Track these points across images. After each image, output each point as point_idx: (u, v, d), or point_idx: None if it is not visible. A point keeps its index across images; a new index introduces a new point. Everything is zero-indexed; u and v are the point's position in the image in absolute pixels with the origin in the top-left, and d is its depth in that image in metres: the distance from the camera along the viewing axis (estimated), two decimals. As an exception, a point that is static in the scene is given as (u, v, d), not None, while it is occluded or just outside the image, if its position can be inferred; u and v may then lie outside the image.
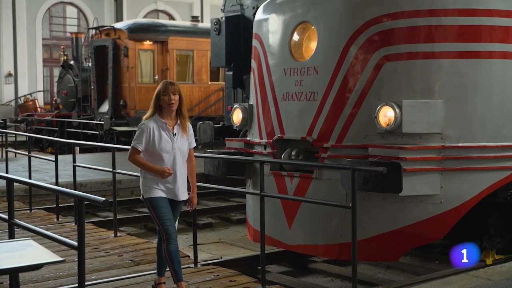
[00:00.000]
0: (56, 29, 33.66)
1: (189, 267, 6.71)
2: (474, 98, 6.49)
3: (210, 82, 21.72)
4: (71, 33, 26.24)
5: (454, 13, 6.48)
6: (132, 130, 19.71)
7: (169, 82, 5.55)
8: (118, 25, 21.89)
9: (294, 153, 7.08)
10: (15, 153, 14.73)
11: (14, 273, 4.06)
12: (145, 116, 5.54)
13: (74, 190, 8.23)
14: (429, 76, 6.44)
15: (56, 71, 29.73)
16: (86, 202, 4.49)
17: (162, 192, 5.42)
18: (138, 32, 20.72)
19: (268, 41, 7.53)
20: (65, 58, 23.91)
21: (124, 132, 19.88)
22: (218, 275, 6.48)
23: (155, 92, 5.52)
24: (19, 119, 24.81)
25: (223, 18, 14.18)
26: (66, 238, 4.78)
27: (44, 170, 14.75)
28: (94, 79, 21.22)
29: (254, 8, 13.18)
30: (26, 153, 11.41)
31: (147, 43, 20.75)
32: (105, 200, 4.38)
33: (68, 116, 22.40)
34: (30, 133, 19.70)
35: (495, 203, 6.94)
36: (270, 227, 6.95)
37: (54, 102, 25.23)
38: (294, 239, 7.06)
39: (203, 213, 11.79)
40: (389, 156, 6.16)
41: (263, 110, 7.51)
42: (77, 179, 9.72)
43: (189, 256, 7.15)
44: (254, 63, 7.84)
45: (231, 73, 13.93)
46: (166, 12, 35.95)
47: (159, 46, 20.81)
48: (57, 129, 21.61)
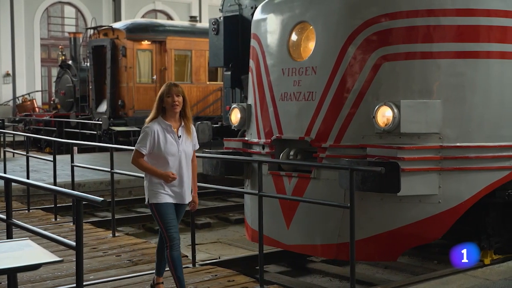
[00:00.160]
0: (54, 29, 33.64)
1: (187, 267, 6.71)
2: (472, 98, 6.49)
3: (208, 82, 21.72)
4: (69, 33, 26.21)
5: (452, 13, 6.48)
6: (130, 130, 19.73)
7: (172, 83, 5.40)
8: (116, 25, 21.87)
9: (292, 153, 7.08)
10: (13, 153, 14.70)
11: (12, 273, 4.05)
12: (148, 118, 5.40)
13: (72, 190, 8.23)
14: (427, 76, 6.44)
15: (54, 71, 29.72)
16: (84, 202, 4.49)
17: (168, 197, 5.30)
18: (136, 32, 20.71)
19: (266, 41, 7.52)
20: (63, 58, 23.90)
21: (122, 132, 19.86)
22: (216, 275, 6.48)
23: (158, 94, 5.39)
24: (17, 119, 24.80)
25: (222, 18, 14.18)
26: (64, 238, 4.78)
27: (42, 170, 14.74)
28: (92, 79, 21.19)
29: (252, 8, 13.19)
30: (24, 153, 11.40)
31: (145, 43, 20.74)
32: (103, 200, 4.38)
33: (66, 116, 22.38)
34: (28, 133, 19.70)
35: (493, 203, 6.94)
36: (268, 227, 6.95)
37: (52, 102, 25.23)
38: (292, 239, 7.06)
39: (201, 213, 11.77)
40: (387, 156, 6.17)
41: (261, 110, 7.51)
42: (75, 179, 9.70)
43: (187, 256, 7.15)
44: (252, 63, 7.84)
45: (229, 73, 13.94)
46: (164, 12, 35.93)
47: (157, 46, 20.79)
48: (55, 129, 21.58)
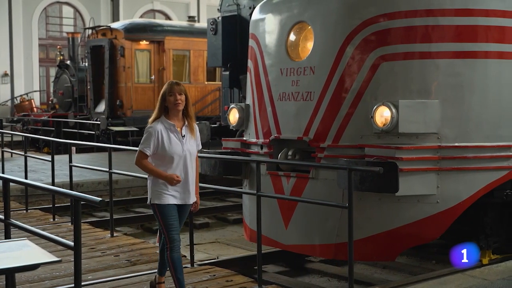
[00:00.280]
0: (52, 29, 33.60)
1: (185, 267, 6.69)
2: (470, 98, 6.50)
3: (206, 82, 21.71)
4: (68, 33, 26.20)
5: (451, 13, 6.48)
6: (128, 130, 19.71)
7: (174, 82, 5.32)
8: (114, 25, 21.86)
9: (290, 153, 7.08)
10: (11, 153, 14.68)
11: (10, 273, 4.04)
12: (150, 118, 5.32)
13: (71, 190, 8.22)
14: (425, 76, 6.44)
15: (52, 71, 29.70)
16: (82, 202, 4.48)
17: (172, 198, 5.25)
18: (135, 32, 20.69)
19: (264, 41, 7.52)
20: (61, 58, 23.87)
21: (120, 132, 19.84)
22: (214, 275, 6.48)
23: (161, 93, 5.31)
24: (15, 119, 24.77)
25: (220, 18, 14.16)
26: (62, 238, 4.78)
27: (40, 170, 14.73)
28: (91, 79, 21.17)
29: (250, 8, 13.16)
30: (22, 153, 11.39)
31: (144, 43, 20.72)
32: (101, 200, 4.37)
33: (64, 116, 22.35)
34: (26, 133, 19.72)
35: (491, 203, 6.95)
36: (267, 227, 6.95)
37: (50, 102, 25.18)
38: (290, 239, 7.05)
39: (200, 213, 11.75)
40: (385, 156, 6.17)
41: (260, 110, 7.51)
42: (73, 179, 9.70)
43: (185, 256, 7.14)
44: (250, 63, 7.84)
45: (228, 73, 13.91)
46: (162, 12, 35.92)
47: (156, 46, 20.78)
48: (53, 129, 21.56)
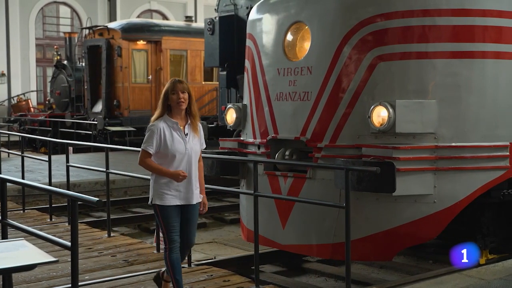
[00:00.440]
0: (49, 28, 33.58)
1: (183, 267, 6.64)
2: (468, 98, 6.50)
3: (204, 82, 21.70)
4: (65, 33, 26.15)
5: (448, 13, 6.48)
6: (125, 130, 19.70)
7: (177, 80, 5.24)
8: (111, 25, 21.83)
9: (287, 153, 7.08)
10: (8, 153, 14.67)
11: (7, 273, 4.04)
12: (153, 117, 5.25)
13: (68, 190, 8.21)
14: (422, 76, 6.44)
15: (49, 71, 29.67)
16: (79, 202, 4.48)
17: (174, 198, 5.18)
18: (132, 32, 20.67)
19: (261, 41, 7.52)
20: (58, 58, 23.83)
21: (117, 132, 19.83)
22: (212, 275, 6.48)
23: (163, 91, 5.24)
24: (12, 119, 24.73)
25: (217, 18, 14.16)
26: (59, 238, 4.77)
27: (37, 170, 14.71)
28: (88, 79, 21.15)
29: (248, 8, 13.16)
30: (19, 153, 11.37)
31: (141, 43, 20.70)
32: (98, 200, 4.37)
33: (61, 116, 22.32)
34: (23, 133, 19.65)
35: (488, 203, 6.96)
36: (264, 227, 6.95)
37: (47, 102, 25.16)
38: (288, 239, 7.05)
39: (197, 213, 11.74)
40: (382, 156, 6.17)
41: (257, 110, 7.51)
42: (70, 179, 9.69)
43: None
44: (248, 63, 7.84)
45: (225, 73, 13.91)
46: (159, 12, 35.91)
47: (153, 46, 20.77)
48: (50, 129, 21.54)
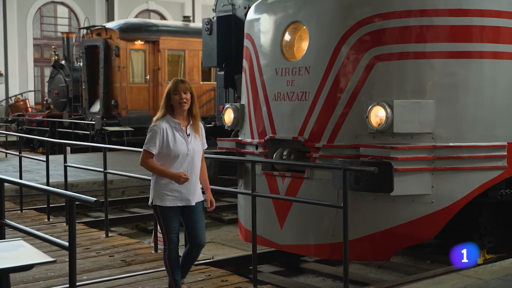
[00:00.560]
0: (47, 28, 33.55)
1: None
2: (465, 98, 6.51)
3: (201, 82, 21.68)
4: (62, 32, 26.13)
5: (445, 13, 6.49)
6: (123, 130, 19.68)
7: (179, 80, 5.22)
8: (109, 25, 21.81)
9: (285, 153, 7.08)
10: (6, 153, 14.65)
11: (4, 273, 4.04)
12: (155, 117, 5.23)
13: (65, 190, 8.21)
14: (420, 76, 6.45)
15: (47, 71, 29.65)
16: (77, 203, 4.47)
17: (175, 200, 5.15)
18: (130, 32, 20.65)
19: (259, 41, 7.52)
20: (56, 58, 23.82)
21: (115, 132, 19.81)
22: (209, 275, 6.47)
23: (165, 91, 5.20)
24: (10, 119, 24.70)
25: (215, 18, 14.16)
26: (57, 238, 4.77)
27: (35, 170, 14.69)
28: (85, 79, 21.12)
29: (245, 8, 13.17)
30: (17, 153, 11.37)
31: (139, 43, 20.68)
32: (96, 200, 4.36)
33: (59, 116, 22.30)
34: (21, 133, 19.64)
35: (486, 203, 6.96)
36: (262, 227, 6.95)
37: (45, 102, 25.13)
38: (285, 239, 7.05)
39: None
40: (380, 156, 6.17)
41: (255, 110, 7.51)
42: (68, 179, 9.68)
43: (180, 256, 7.12)
44: (245, 63, 7.84)
45: (223, 73, 13.92)
46: (157, 12, 35.90)
47: (151, 46, 20.75)
48: (48, 129, 21.52)
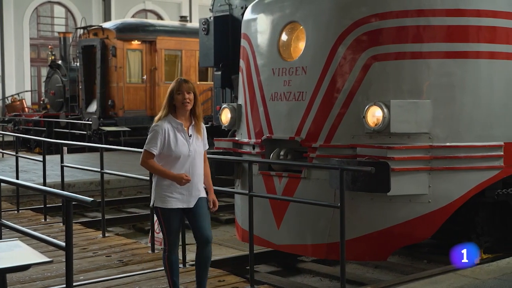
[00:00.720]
0: (43, 28, 33.50)
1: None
2: (462, 98, 6.52)
3: (198, 82, 21.65)
4: (59, 32, 26.08)
5: (442, 13, 6.50)
6: (120, 130, 19.67)
7: (182, 79, 5.09)
8: (106, 24, 21.80)
9: (282, 153, 7.08)
10: (2, 153, 14.64)
11: (1, 274, 4.03)
12: (157, 116, 5.14)
13: (62, 190, 8.20)
14: (417, 76, 6.45)
15: (44, 71, 29.58)
16: (74, 203, 4.47)
17: (176, 201, 5.11)
18: (126, 32, 20.64)
19: (256, 41, 7.52)
20: (53, 58, 23.77)
21: (112, 132, 19.79)
22: (206, 275, 6.47)
23: (168, 90, 5.10)
24: (7, 119, 24.67)
25: (212, 18, 14.14)
26: (54, 238, 4.76)
27: (31, 170, 14.67)
28: (82, 79, 21.11)
29: (242, 8, 13.15)
30: (14, 153, 11.35)
31: (135, 43, 20.67)
32: (93, 200, 4.36)
33: (56, 116, 22.27)
34: (17, 133, 19.63)
35: (483, 203, 6.97)
36: (259, 227, 6.95)
37: (41, 102, 25.09)
38: (282, 239, 7.06)
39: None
40: (377, 155, 6.18)
41: (252, 110, 7.51)
42: (65, 180, 9.67)
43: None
44: (242, 63, 7.84)
45: (220, 73, 13.89)
46: (154, 12, 35.88)
47: (148, 46, 20.74)
48: (44, 129, 21.49)
